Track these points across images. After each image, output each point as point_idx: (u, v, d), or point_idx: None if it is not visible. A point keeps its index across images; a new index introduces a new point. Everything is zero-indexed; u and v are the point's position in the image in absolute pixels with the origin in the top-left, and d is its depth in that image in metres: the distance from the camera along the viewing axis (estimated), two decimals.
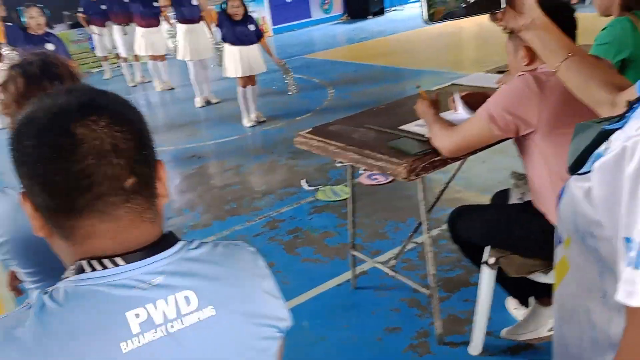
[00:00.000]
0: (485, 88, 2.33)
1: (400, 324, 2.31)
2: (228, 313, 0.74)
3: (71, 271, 0.70)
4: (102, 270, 0.69)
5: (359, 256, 2.54)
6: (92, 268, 0.69)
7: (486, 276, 1.94)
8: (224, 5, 5.14)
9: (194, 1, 6.15)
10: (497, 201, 2.18)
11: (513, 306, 2.26)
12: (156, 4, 6.83)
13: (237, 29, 5.17)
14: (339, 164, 3.96)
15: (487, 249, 1.91)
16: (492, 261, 1.88)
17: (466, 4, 1.02)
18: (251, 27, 5.24)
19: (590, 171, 0.74)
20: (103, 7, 7.65)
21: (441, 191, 2.66)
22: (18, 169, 0.69)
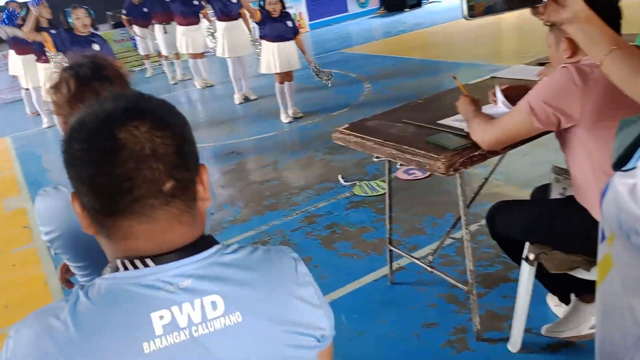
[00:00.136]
0: (526, 81, 2.29)
1: (437, 320, 2.30)
2: (256, 319, 0.73)
3: (108, 269, 0.73)
4: (133, 270, 0.71)
5: (396, 251, 2.54)
6: (125, 267, 0.71)
7: (526, 272, 1.91)
8: (262, 2, 5.19)
9: None
10: (538, 196, 2.14)
11: (554, 303, 2.22)
12: (196, 3, 6.96)
13: (275, 25, 5.22)
14: (376, 159, 3.95)
15: (527, 245, 1.89)
16: (532, 257, 1.85)
17: None
18: (289, 24, 5.28)
19: (635, 167, 0.73)
20: (145, 10, 7.88)
21: (480, 186, 2.63)
22: (68, 171, 0.73)
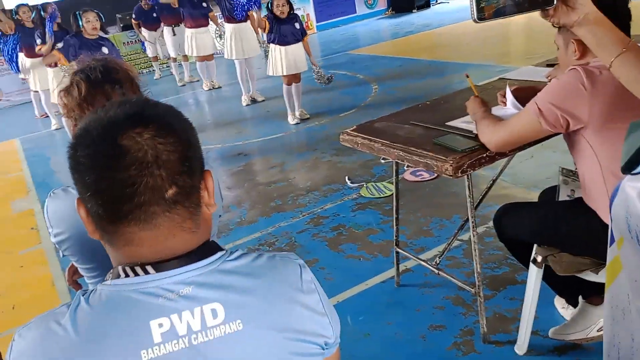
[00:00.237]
0: (534, 82, 2.28)
1: (444, 322, 2.30)
2: (257, 327, 0.73)
3: (110, 275, 0.73)
4: (134, 277, 0.71)
5: (403, 253, 2.53)
6: (126, 274, 0.71)
7: (533, 274, 1.90)
8: (270, 6, 5.21)
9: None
10: (546, 198, 2.14)
11: (561, 305, 2.21)
12: (204, 5, 6.99)
13: (284, 28, 5.23)
14: (384, 160, 3.95)
15: (535, 247, 1.88)
16: (540, 259, 1.85)
17: (516, 1, 1.00)
18: (297, 25, 5.29)
19: None
20: (154, 15, 7.98)
21: (488, 187, 2.62)
22: (73, 176, 0.73)
